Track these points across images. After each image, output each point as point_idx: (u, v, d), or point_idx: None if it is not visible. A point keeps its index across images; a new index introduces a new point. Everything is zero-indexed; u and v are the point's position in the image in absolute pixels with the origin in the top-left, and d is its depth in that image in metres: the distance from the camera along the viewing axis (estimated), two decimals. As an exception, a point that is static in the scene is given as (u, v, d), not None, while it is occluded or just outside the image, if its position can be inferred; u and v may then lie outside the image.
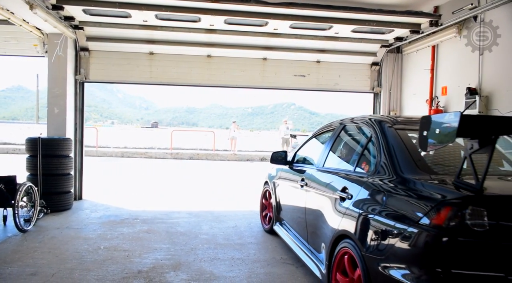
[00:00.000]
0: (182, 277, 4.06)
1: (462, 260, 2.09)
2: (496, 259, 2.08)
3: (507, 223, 2.10)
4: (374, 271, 2.52)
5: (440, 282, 2.10)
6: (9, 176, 5.44)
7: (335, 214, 3.26)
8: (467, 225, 2.09)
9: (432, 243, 2.16)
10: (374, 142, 3.22)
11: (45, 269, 4.16)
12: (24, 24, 6.56)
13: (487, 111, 6.07)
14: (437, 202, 2.21)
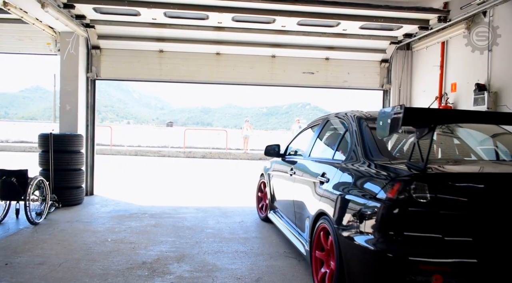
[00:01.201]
0: (185, 268, 4.13)
1: (409, 224, 2.57)
2: (435, 223, 2.54)
3: (444, 196, 2.58)
4: (343, 240, 3.00)
5: (393, 242, 2.58)
6: (21, 170, 5.60)
7: (315, 196, 3.75)
8: (412, 197, 2.57)
9: (386, 212, 2.64)
10: (348, 134, 3.76)
11: (52, 259, 4.28)
12: (37, 23, 6.74)
13: (496, 107, 5.99)
14: (390, 179, 2.73)
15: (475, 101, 6.28)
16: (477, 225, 2.58)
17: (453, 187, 2.63)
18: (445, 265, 2.47)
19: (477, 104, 6.22)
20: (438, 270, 2.46)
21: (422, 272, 2.47)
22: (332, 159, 3.89)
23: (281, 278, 3.94)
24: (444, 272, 2.45)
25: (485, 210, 2.60)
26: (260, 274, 4.02)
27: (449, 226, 2.54)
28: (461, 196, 2.60)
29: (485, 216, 2.60)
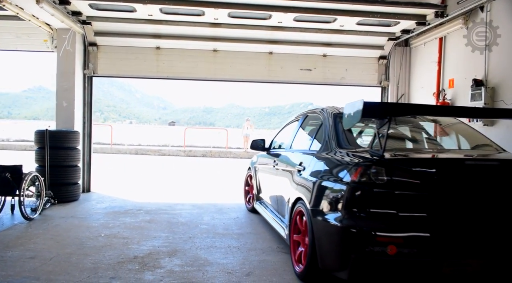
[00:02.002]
0: (176, 262, 4.11)
1: (369, 202, 2.96)
2: (390, 201, 2.93)
3: (398, 178, 2.98)
4: (315, 219, 3.40)
5: (356, 218, 2.99)
6: (15, 166, 5.60)
7: (293, 184, 4.15)
8: (372, 180, 2.98)
9: (350, 193, 3.04)
10: (323, 127, 4.17)
11: (44, 253, 4.27)
12: (33, 19, 6.73)
13: (493, 102, 5.95)
14: (354, 165, 3.16)
15: (472, 96, 6.23)
16: (429, 203, 2.98)
17: (406, 170, 3.05)
18: (399, 237, 2.86)
19: (474, 100, 6.18)
20: (392, 241, 2.86)
21: (379, 243, 2.86)
22: (309, 150, 4.29)
23: (272, 272, 3.91)
24: (397, 243, 2.85)
25: (436, 190, 3.00)
26: (251, 269, 3.99)
27: (403, 204, 2.95)
28: (414, 179, 3.01)
29: (436, 195, 2.99)
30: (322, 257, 3.32)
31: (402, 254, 2.84)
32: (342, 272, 3.09)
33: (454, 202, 3.00)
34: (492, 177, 3.12)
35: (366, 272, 2.96)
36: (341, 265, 3.07)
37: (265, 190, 5.79)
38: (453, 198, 3.01)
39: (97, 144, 19.62)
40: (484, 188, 3.07)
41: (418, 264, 2.88)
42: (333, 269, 3.24)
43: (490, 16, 6.08)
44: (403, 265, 2.88)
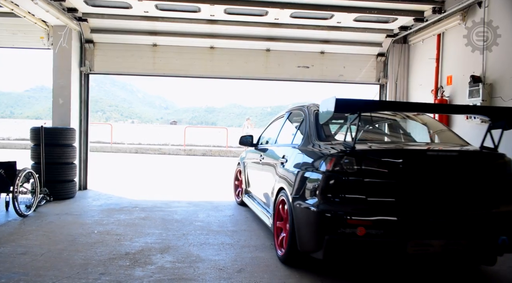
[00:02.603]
0: (167, 259, 4.08)
1: (342, 189, 3.32)
2: (360, 188, 3.29)
3: (367, 167, 3.33)
4: (295, 205, 3.73)
5: (330, 203, 3.33)
6: (9, 162, 5.58)
7: (277, 175, 4.48)
8: (344, 169, 3.35)
9: (325, 180, 3.39)
10: (303, 122, 4.50)
11: (35, 249, 4.24)
12: (29, 16, 6.71)
13: (491, 99, 5.89)
14: (328, 156, 3.52)
15: (470, 93, 6.17)
16: (395, 189, 3.34)
17: (375, 160, 3.40)
18: (367, 220, 3.20)
19: (472, 96, 6.12)
20: (361, 223, 3.19)
21: (350, 225, 3.20)
22: (291, 144, 4.58)
23: (264, 269, 3.87)
24: (366, 225, 3.19)
25: (401, 178, 3.36)
26: (243, 265, 3.95)
27: (371, 190, 3.31)
28: (382, 167, 3.37)
29: (402, 182, 3.36)
30: (301, 240, 3.65)
31: (370, 235, 3.19)
32: (317, 252, 3.42)
33: (417, 188, 3.38)
34: (450, 166, 3.49)
35: (338, 251, 3.34)
36: (317, 246, 3.40)
37: (253, 183, 6.10)
38: (416, 184, 3.38)
39: (97, 143, 19.64)
40: (442, 176, 3.43)
41: (385, 244, 3.25)
42: (310, 250, 3.56)
43: (488, 12, 6.02)
44: (371, 245, 3.23)
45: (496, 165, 3.61)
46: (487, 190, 3.51)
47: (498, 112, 3.93)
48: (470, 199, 3.44)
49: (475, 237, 3.34)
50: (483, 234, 3.36)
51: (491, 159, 3.65)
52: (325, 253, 3.32)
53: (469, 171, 3.51)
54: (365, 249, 3.24)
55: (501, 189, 3.54)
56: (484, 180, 3.53)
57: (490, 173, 3.57)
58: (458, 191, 3.43)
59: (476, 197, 3.46)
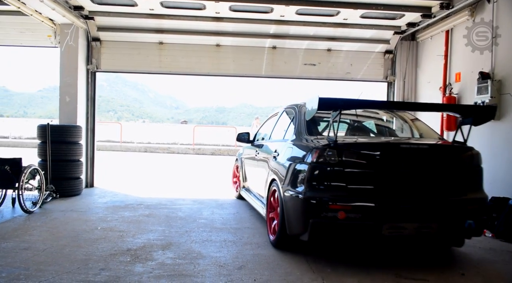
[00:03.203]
0: (168, 255, 4.06)
1: (325, 178, 3.75)
2: (342, 177, 3.71)
3: (347, 158, 3.74)
4: (285, 194, 4.12)
5: (315, 190, 3.75)
6: (15, 159, 5.62)
7: (270, 168, 4.86)
8: (327, 160, 3.75)
9: (310, 171, 3.80)
10: (294, 119, 4.89)
11: (38, 245, 4.26)
12: (36, 14, 6.77)
13: (499, 95, 5.77)
14: (313, 148, 3.91)
15: (478, 90, 6.06)
16: (372, 178, 3.74)
17: (354, 152, 3.80)
18: (347, 205, 3.62)
19: (481, 93, 6.01)
20: (341, 208, 3.60)
21: (331, 210, 3.62)
22: (283, 139, 4.96)
23: (265, 266, 3.83)
24: (346, 209, 3.60)
25: (377, 167, 3.77)
26: (244, 262, 3.92)
27: (351, 179, 3.72)
28: (360, 159, 3.78)
29: (378, 171, 3.76)
30: (290, 225, 4.04)
31: (350, 218, 3.60)
32: (304, 235, 3.81)
33: (392, 177, 3.79)
34: (421, 157, 3.91)
35: (321, 233, 3.74)
36: (303, 229, 3.79)
37: (249, 177, 6.45)
38: (391, 174, 3.79)
39: (106, 142, 19.77)
40: (415, 166, 3.86)
41: (362, 227, 3.66)
42: (298, 233, 3.94)
43: (497, 7, 5.90)
44: (350, 227, 3.66)
45: (464, 157, 4.07)
46: (456, 179, 3.96)
47: (466, 110, 4.39)
48: (441, 187, 3.89)
49: (445, 221, 3.78)
50: (452, 218, 3.81)
51: (460, 152, 4.10)
52: (310, 235, 3.73)
53: (439, 162, 3.95)
54: (345, 230, 3.69)
55: (469, 178, 4.03)
56: (454, 170, 3.97)
57: (459, 164, 4.02)
58: (430, 179, 3.87)
59: (446, 185, 3.91)
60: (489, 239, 5.07)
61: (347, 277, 3.61)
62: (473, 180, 4.06)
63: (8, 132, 20.11)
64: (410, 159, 3.86)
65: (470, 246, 4.67)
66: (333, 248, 4.41)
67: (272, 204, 4.65)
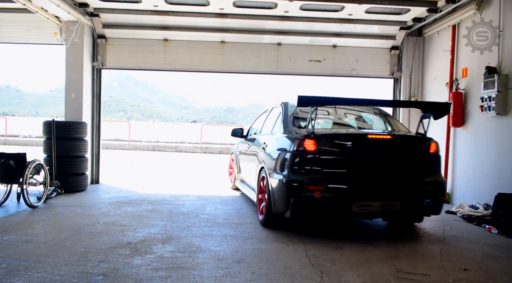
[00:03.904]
0: (168, 249, 4.06)
1: (304, 164, 4.41)
2: (318, 163, 4.39)
3: (322, 147, 4.41)
4: (271, 178, 4.78)
5: (296, 174, 4.41)
6: (19, 154, 5.67)
7: (259, 158, 5.47)
8: (305, 149, 4.40)
9: (292, 158, 4.47)
10: (280, 115, 5.53)
11: (39, 238, 4.29)
12: (41, 11, 6.82)
13: (506, 90, 5.67)
14: (294, 139, 4.57)
15: (485, 85, 5.97)
16: (344, 163, 4.44)
17: (328, 142, 4.48)
18: (322, 186, 4.28)
19: (487, 88, 5.92)
20: (317, 189, 4.27)
21: (309, 190, 4.28)
22: (271, 133, 5.62)
23: (264, 260, 3.81)
24: (321, 190, 4.27)
25: (349, 155, 4.47)
26: (243, 256, 3.90)
27: (326, 164, 4.41)
28: (333, 147, 4.47)
29: (349, 159, 4.45)
30: (275, 205, 4.66)
31: (324, 197, 4.27)
32: (286, 212, 4.46)
33: (361, 163, 4.46)
34: (386, 146, 4.60)
35: (300, 210, 4.41)
36: (286, 207, 4.44)
37: (243, 169, 6.92)
38: (360, 160, 4.47)
39: (115, 140, 19.91)
40: (380, 153, 4.52)
41: (335, 204, 4.34)
42: (281, 211, 4.56)
43: (504, 0, 5.80)
44: (325, 205, 4.34)
45: (424, 146, 4.74)
46: (416, 164, 4.63)
47: (426, 106, 5.15)
48: (403, 171, 4.58)
49: (406, 200, 4.46)
50: (412, 198, 4.50)
51: (420, 142, 4.79)
52: (292, 212, 4.40)
53: (402, 150, 4.64)
54: (320, 207, 4.37)
55: (428, 164, 4.70)
56: (414, 157, 4.66)
57: (419, 152, 4.70)
58: (393, 165, 4.56)
59: (407, 170, 4.60)
60: (494, 235, 4.98)
61: (346, 271, 3.57)
62: (431, 166, 4.73)
63: (18, 131, 20.34)
64: (376, 147, 4.54)
65: (475, 242, 4.64)
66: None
67: (261, 188, 5.27)
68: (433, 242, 4.62)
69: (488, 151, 6.10)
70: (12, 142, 18.41)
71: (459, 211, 6.08)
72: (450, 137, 7.08)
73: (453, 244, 4.54)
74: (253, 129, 7.03)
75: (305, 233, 4.79)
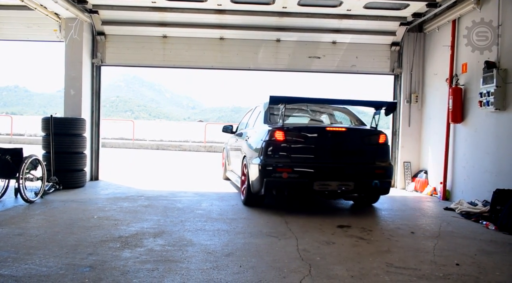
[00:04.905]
0: (158, 242, 4.05)
1: (275, 151, 5.39)
2: (286, 150, 5.38)
3: (290, 137, 5.40)
4: (250, 164, 5.76)
5: (269, 159, 5.38)
6: (16, 149, 5.71)
7: (243, 149, 6.47)
8: (276, 138, 5.39)
9: (265, 146, 5.43)
10: (261, 112, 6.43)
11: (32, 231, 4.31)
12: (41, 8, 6.86)
13: (505, 84, 5.60)
14: (267, 130, 5.54)
15: (484, 80, 5.90)
16: (307, 150, 5.45)
17: (294, 133, 5.48)
18: (288, 168, 5.29)
19: (486, 83, 5.84)
20: (285, 170, 5.28)
21: (279, 172, 5.29)
22: (253, 127, 6.58)
23: (254, 254, 3.78)
24: (287, 171, 5.28)
25: (310, 143, 5.48)
26: (233, 250, 3.88)
27: (292, 151, 5.41)
28: (298, 137, 5.46)
29: (311, 146, 5.48)
30: (252, 185, 5.63)
31: (290, 177, 5.28)
32: (261, 190, 5.43)
33: (321, 150, 5.47)
34: (342, 137, 5.63)
35: (272, 188, 5.35)
36: (260, 187, 5.42)
37: (231, 160, 7.77)
38: (319, 148, 5.47)
39: (119, 139, 19.99)
40: (337, 143, 5.53)
41: (299, 183, 5.34)
42: (257, 190, 5.54)
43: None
44: (291, 183, 5.35)
45: (374, 137, 5.72)
46: (367, 152, 5.62)
47: (377, 104, 5.89)
48: (356, 157, 5.58)
49: (358, 180, 5.43)
50: (363, 179, 5.46)
51: (371, 134, 5.79)
52: (265, 190, 5.35)
53: (355, 140, 5.64)
54: (287, 186, 5.36)
55: (377, 152, 5.67)
56: (366, 146, 5.64)
57: (370, 142, 5.69)
58: (348, 152, 5.57)
59: (360, 156, 5.59)
60: (491, 231, 4.92)
61: (335, 265, 3.53)
62: (380, 153, 5.68)
63: (24, 129, 20.51)
64: (333, 137, 5.55)
65: (470, 238, 4.58)
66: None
67: (243, 173, 6.16)
68: (428, 238, 4.57)
69: (487, 147, 6.03)
70: (18, 140, 18.54)
71: (458, 208, 6.01)
72: (450, 134, 7.00)
73: (447, 240, 4.49)
74: (241, 125, 7.78)
75: (298, 228, 4.76)
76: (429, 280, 3.26)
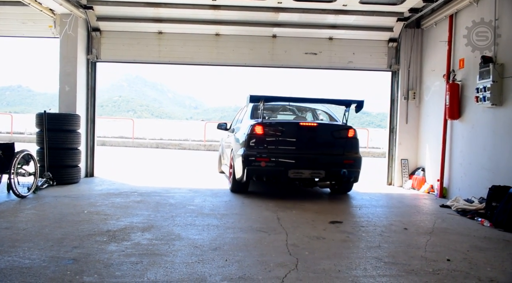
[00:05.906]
0: (146, 237, 4.00)
1: (255, 143, 6.18)
2: (264, 142, 6.18)
3: (268, 131, 6.19)
4: (235, 155, 6.51)
5: (250, 150, 6.14)
6: (7, 143, 5.67)
7: (231, 142, 7.12)
8: (256, 132, 6.18)
9: (247, 139, 6.22)
10: (247, 110, 7.11)
11: (20, 225, 4.27)
12: (35, 4, 6.82)
13: (502, 79, 5.52)
14: (249, 125, 6.31)
15: (480, 75, 5.83)
16: (282, 143, 6.17)
17: (272, 127, 6.22)
18: (265, 158, 6.00)
19: (483, 78, 5.77)
20: (263, 160, 6.00)
21: (258, 161, 6.00)
22: (241, 123, 7.20)
23: (241, 248, 3.73)
24: (265, 161, 5.99)
25: (285, 137, 6.18)
26: (221, 244, 3.83)
27: (269, 143, 6.15)
28: (275, 131, 6.20)
29: (286, 139, 6.18)
30: (236, 173, 6.36)
31: (268, 166, 6.00)
32: (243, 178, 6.14)
33: (295, 142, 6.19)
34: (313, 131, 6.35)
35: (252, 175, 6.07)
36: (242, 174, 6.13)
37: (225, 155, 8.38)
38: (294, 140, 6.19)
39: (119, 138, 19.98)
40: (309, 136, 6.25)
41: (276, 171, 6.05)
42: (240, 178, 6.23)
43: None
44: (268, 171, 6.05)
45: (344, 131, 6.39)
46: (338, 144, 6.32)
47: (347, 102, 6.51)
48: (327, 148, 6.31)
49: (329, 169, 6.13)
50: (333, 168, 6.15)
51: (341, 128, 6.47)
52: (246, 177, 6.07)
53: (326, 134, 6.38)
54: (265, 173, 6.05)
55: (347, 145, 6.34)
56: (336, 139, 6.34)
57: (340, 135, 6.36)
58: (320, 144, 6.30)
59: (331, 148, 6.32)
60: (486, 228, 4.85)
61: (323, 259, 3.48)
62: (349, 146, 6.35)
63: (24, 128, 20.51)
64: (306, 131, 6.27)
65: (464, 235, 4.51)
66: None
67: (231, 163, 6.81)
68: (421, 234, 4.51)
69: (484, 143, 5.95)
70: (18, 138, 18.54)
71: (454, 205, 5.94)
72: (447, 131, 6.93)
73: (441, 236, 4.42)
74: (234, 122, 8.26)
75: (289, 224, 4.71)
76: (418, 275, 3.20)
